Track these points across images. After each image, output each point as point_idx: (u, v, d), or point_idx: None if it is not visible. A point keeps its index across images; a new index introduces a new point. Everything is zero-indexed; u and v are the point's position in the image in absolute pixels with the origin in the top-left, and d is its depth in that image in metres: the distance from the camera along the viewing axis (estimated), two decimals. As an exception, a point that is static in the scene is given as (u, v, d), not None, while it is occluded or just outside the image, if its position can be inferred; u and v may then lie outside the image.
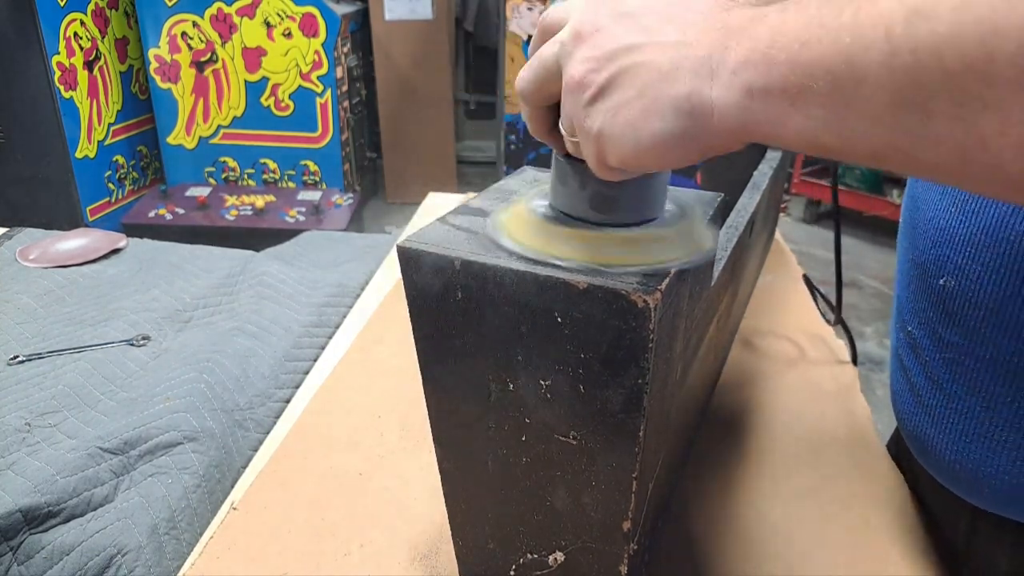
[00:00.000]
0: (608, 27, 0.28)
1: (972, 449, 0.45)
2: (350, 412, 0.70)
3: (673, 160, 0.28)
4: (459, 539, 0.46)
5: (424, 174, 3.50)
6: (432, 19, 3.27)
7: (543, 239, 0.34)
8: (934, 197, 0.45)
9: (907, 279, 0.50)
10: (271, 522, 0.56)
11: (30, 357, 0.98)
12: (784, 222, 0.95)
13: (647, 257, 0.33)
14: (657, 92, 0.27)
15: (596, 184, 0.33)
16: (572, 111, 0.30)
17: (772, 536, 0.55)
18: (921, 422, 0.49)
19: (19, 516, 0.72)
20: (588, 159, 0.31)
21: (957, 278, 0.42)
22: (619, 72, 0.27)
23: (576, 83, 0.29)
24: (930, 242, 0.45)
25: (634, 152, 0.28)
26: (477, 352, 0.36)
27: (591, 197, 0.34)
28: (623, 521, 0.37)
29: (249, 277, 1.20)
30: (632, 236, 0.34)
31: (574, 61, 0.29)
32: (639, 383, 0.32)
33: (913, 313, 0.49)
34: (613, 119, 0.28)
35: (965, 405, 0.44)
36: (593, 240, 0.34)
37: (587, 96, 0.28)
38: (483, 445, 0.39)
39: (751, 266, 0.77)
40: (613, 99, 0.28)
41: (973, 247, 0.41)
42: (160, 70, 2.78)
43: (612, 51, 0.28)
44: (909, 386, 0.50)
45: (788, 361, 0.80)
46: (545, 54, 0.31)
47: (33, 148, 2.45)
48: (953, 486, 0.48)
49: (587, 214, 0.35)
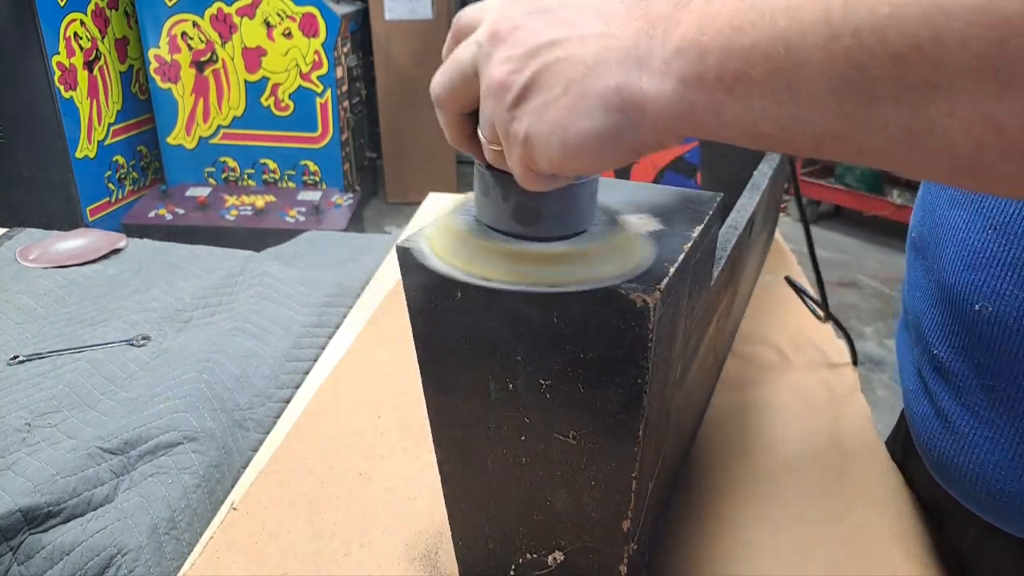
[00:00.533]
0: (526, 24, 0.26)
1: (1008, 481, 0.42)
2: (350, 412, 0.70)
3: (606, 160, 0.26)
4: (459, 539, 0.46)
5: (424, 174, 3.50)
6: (432, 19, 3.27)
7: (467, 256, 0.32)
8: (965, 216, 0.43)
9: (931, 300, 0.47)
10: (271, 522, 0.56)
11: (30, 357, 0.98)
12: (784, 222, 0.95)
13: (577, 274, 0.31)
14: (583, 87, 0.25)
15: (519, 195, 0.31)
16: (494, 115, 0.27)
17: (773, 536, 0.55)
18: (951, 450, 0.46)
19: (19, 516, 0.72)
20: (514, 167, 0.28)
21: (995, 304, 0.40)
22: (542, 69, 0.26)
23: (497, 85, 0.27)
24: (961, 264, 0.42)
25: (563, 153, 0.26)
26: (476, 352, 0.36)
27: (515, 209, 0.32)
28: (623, 521, 0.37)
29: (249, 277, 1.20)
30: (560, 252, 0.31)
31: (493, 62, 0.27)
32: (639, 383, 0.32)
33: (942, 337, 0.46)
34: (539, 120, 0.26)
35: (1004, 435, 0.42)
36: (518, 257, 0.31)
37: (510, 98, 0.26)
38: (483, 445, 0.39)
39: (751, 266, 0.77)
40: (538, 99, 0.26)
41: (1016, 272, 0.38)
42: (160, 70, 2.78)
43: (533, 48, 0.26)
44: (936, 412, 0.48)
45: (788, 362, 0.80)
46: (461, 56, 0.29)
47: (33, 148, 2.45)
48: (982, 512, 0.46)
49: (512, 227, 0.32)
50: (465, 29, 0.30)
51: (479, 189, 0.33)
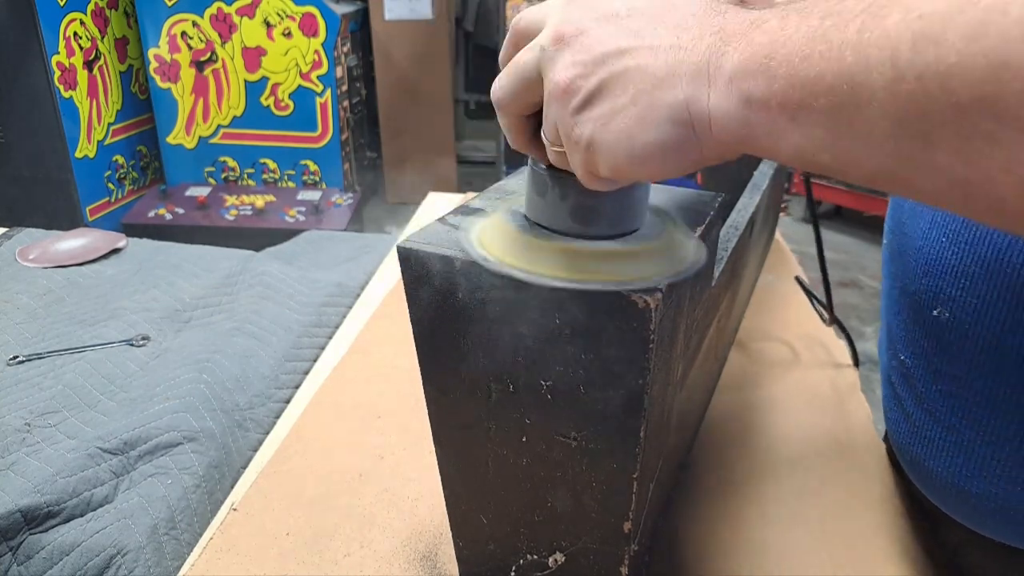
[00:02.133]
0: (593, 30, 0.27)
1: (974, 483, 0.43)
2: (350, 412, 0.70)
3: (668, 170, 0.27)
4: (459, 540, 0.46)
5: (424, 174, 3.50)
6: (432, 19, 3.27)
7: (521, 254, 0.32)
8: (923, 225, 0.43)
9: (897, 307, 0.48)
10: (271, 522, 0.56)
11: (30, 357, 0.98)
12: (784, 222, 0.95)
13: (631, 272, 0.31)
14: (652, 99, 0.25)
15: (577, 196, 0.32)
16: (558, 119, 0.28)
17: (773, 537, 0.55)
18: (917, 451, 0.47)
19: (19, 516, 0.71)
20: (576, 169, 0.29)
21: (952, 310, 0.41)
22: (610, 77, 0.26)
23: (562, 90, 0.27)
24: (921, 271, 0.43)
25: (628, 162, 0.26)
26: (477, 352, 0.36)
27: (572, 209, 0.32)
28: (624, 522, 0.37)
29: (249, 277, 1.20)
30: (615, 250, 0.32)
31: (559, 66, 0.27)
32: (639, 384, 0.32)
33: (906, 342, 0.47)
34: (605, 127, 0.26)
35: (965, 439, 0.42)
36: (574, 254, 0.32)
37: (575, 103, 0.27)
38: (483, 446, 0.39)
39: (751, 266, 0.77)
40: (604, 106, 0.26)
41: (968, 279, 0.39)
42: (160, 70, 2.78)
43: (601, 55, 0.26)
44: (903, 414, 0.49)
45: (788, 362, 0.80)
46: (523, 60, 0.29)
47: (33, 148, 2.45)
48: (951, 511, 0.47)
49: (568, 227, 0.33)
50: (525, 32, 0.30)
51: (534, 189, 0.34)
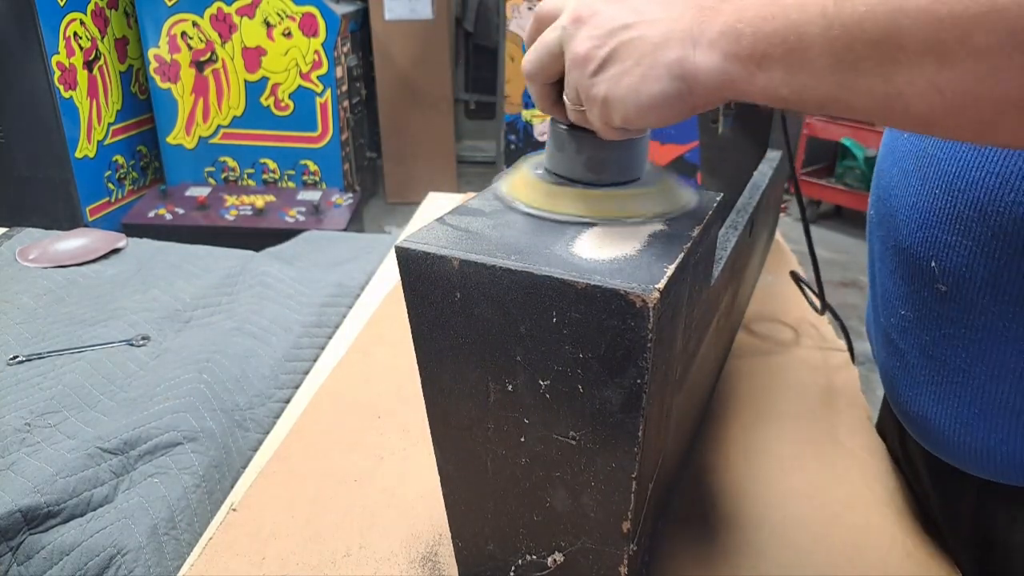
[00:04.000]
0: (604, 10, 0.34)
1: (979, 421, 0.46)
2: (350, 412, 0.70)
3: (669, 116, 0.33)
4: (459, 540, 0.46)
5: (424, 174, 3.50)
6: (432, 19, 3.27)
7: (546, 198, 0.39)
8: (915, 183, 0.48)
9: (891, 266, 0.52)
10: (271, 522, 0.56)
11: (30, 357, 0.98)
12: (784, 222, 0.95)
13: (638, 210, 0.38)
14: (652, 60, 0.32)
15: (591, 149, 0.39)
16: (578, 82, 0.35)
17: (773, 537, 0.55)
18: (923, 402, 0.50)
19: (19, 516, 0.72)
20: (594, 122, 0.36)
21: (948, 256, 0.45)
22: (619, 45, 0.33)
23: (582, 58, 0.34)
24: (915, 225, 0.48)
25: (636, 111, 0.33)
26: (476, 352, 0.36)
27: (587, 161, 0.39)
28: (623, 522, 0.37)
29: (249, 277, 1.20)
30: (623, 193, 0.39)
31: (577, 40, 0.34)
32: (638, 383, 0.32)
33: (904, 297, 0.51)
34: (616, 85, 0.33)
35: (969, 377, 0.46)
36: (590, 197, 0.38)
37: (592, 68, 0.34)
38: (482, 446, 0.39)
39: (751, 266, 0.77)
40: (615, 68, 0.33)
41: (963, 223, 0.43)
42: (160, 70, 2.78)
43: (611, 29, 0.33)
44: (905, 368, 0.52)
45: (789, 362, 0.80)
46: (548, 38, 0.36)
47: (33, 148, 2.45)
48: (960, 462, 0.49)
49: (583, 176, 0.39)
50: (547, 17, 0.37)
51: (554, 145, 0.40)
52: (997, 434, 0.45)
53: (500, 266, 0.33)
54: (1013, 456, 0.45)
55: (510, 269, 0.32)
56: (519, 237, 0.35)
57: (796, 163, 0.82)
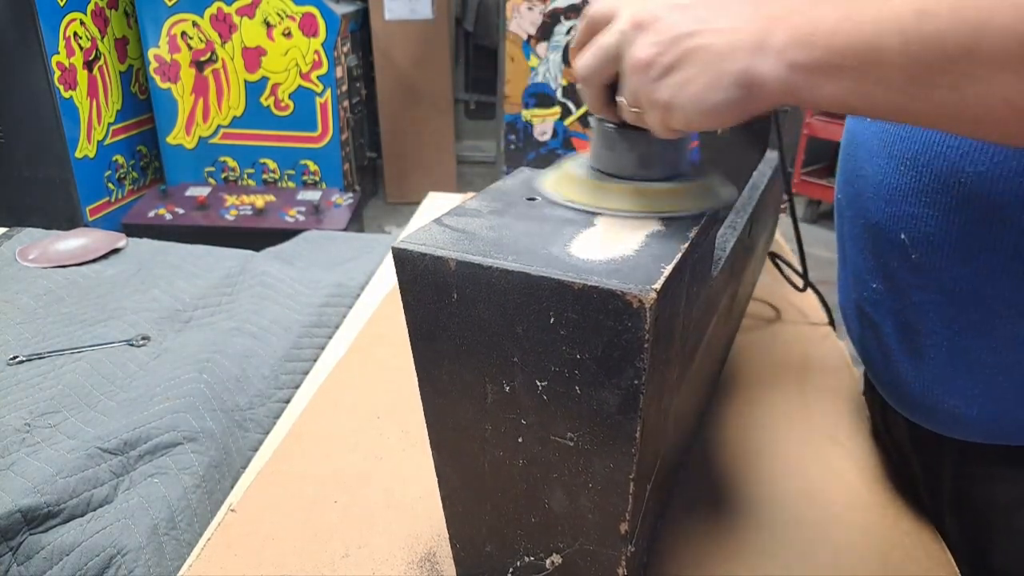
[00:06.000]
0: (666, 17, 0.34)
1: (953, 383, 0.48)
2: (349, 413, 0.70)
3: (728, 121, 0.34)
4: (456, 542, 0.46)
5: (424, 174, 3.49)
6: (432, 19, 3.27)
7: (594, 195, 0.40)
8: (880, 163, 0.50)
9: (861, 243, 0.55)
10: (270, 523, 0.56)
11: (30, 357, 0.98)
12: (784, 222, 0.95)
13: (687, 204, 0.40)
14: (719, 69, 0.33)
15: (641, 147, 0.40)
16: (639, 86, 0.35)
17: (773, 537, 0.55)
18: (899, 370, 0.53)
19: (19, 516, 0.72)
20: (652, 124, 0.36)
21: (916, 226, 0.47)
22: (683, 53, 0.33)
23: (644, 64, 0.34)
24: (883, 202, 0.50)
25: (698, 117, 0.34)
26: (473, 354, 0.36)
27: (637, 158, 0.40)
28: (620, 523, 0.37)
29: (249, 277, 1.20)
30: (671, 188, 0.40)
31: (638, 46, 0.34)
32: (635, 384, 0.32)
33: (874, 271, 0.53)
34: (680, 91, 0.34)
35: (942, 339, 0.48)
36: (640, 193, 0.40)
37: (654, 73, 0.34)
38: (480, 447, 0.39)
39: (751, 267, 0.77)
40: (679, 75, 0.33)
41: (927, 195, 0.46)
42: (160, 70, 2.78)
43: (675, 36, 0.33)
44: (880, 340, 0.54)
45: (788, 363, 0.80)
46: (605, 42, 0.36)
47: (33, 148, 2.45)
48: (938, 426, 0.51)
49: (633, 172, 0.41)
50: (600, 20, 0.37)
51: (603, 144, 0.42)
52: (971, 393, 0.47)
53: (497, 267, 0.33)
54: (990, 415, 0.47)
55: (507, 270, 0.32)
56: (516, 238, 0.35)
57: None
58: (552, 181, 0.43)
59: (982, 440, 0.49)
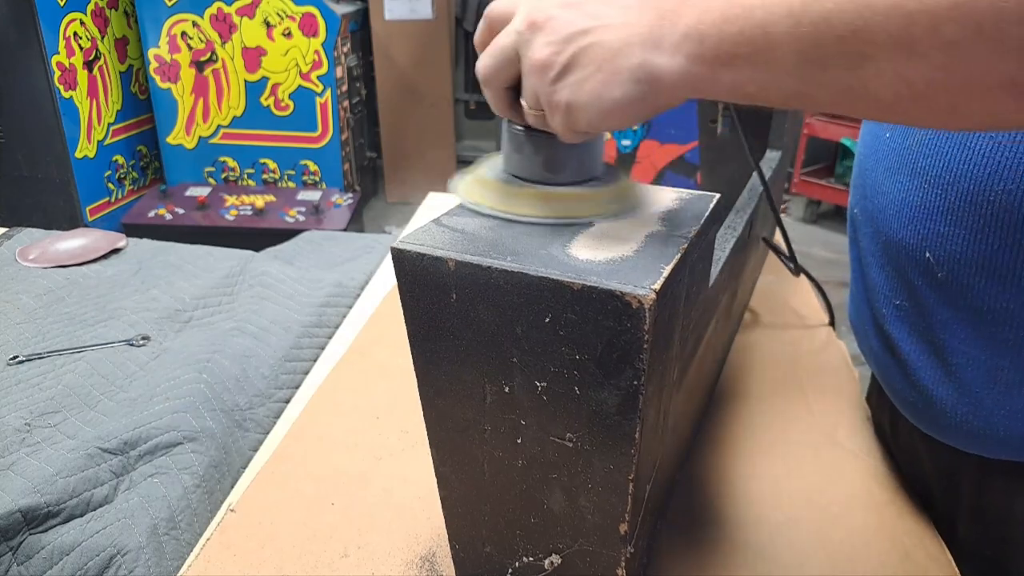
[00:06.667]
0: (559, 15, 0.33)
1: (981, 399, 0.47)
2: (349, 413, 0.70)
3: (632, 119, 0.33)
4: (455, 542, 0.46)
5: (424, 174, 3.49)
6: (432, 19, 3.27)
7: (504, 199, 0.39)
8: (902, 180, 0.49)
9: (882, 261, 0.54)
10: (270, 523, 0.56)
11: (30, 357, 0.98)
12: (784, 222, 0.95)
13: (595, 209, 0.39)
14: (614, 65, 0.32)
15: (548, 150, 0.39)
16: (538, 88, 0.34)
17: (772, 538, 0.55)
18: (923, 388, 0.51)
19: (19, 516, 0.72)
20: (556, 127, 0.35)
21: (942, 245, 0.46)
22: (578, 51, 0.32)
23: (541, 64, 0.33)
24: (906, 220, 0.49)
25: (599, 116, 0.33)
26: (472, 354, 0.36)
27: (544, 162, 0.39)
28: (620, 524, 0.37)
29: (249, 277, 1.20)
30: (579, 192, 0.39)
31: (535, 46, 0.33)
32: (634, 385, 0.32)
33: (899, 289, 0.52)
34: (578, 91, 0.33)
35: (967, 358, 0.47)
36: (546, 197, 0.39)
37: (552, 75, 0.33)
38: (479, 448, 0.39)
39: (751, 266, 0.77)
40: (576, 75, 0.33)
41: (954, 214, 0.45)
42: (160, 70, 2.78)
43: (568, 35, 0.33)
44: (902, 357, 0.53)
45: (788, 363, 0.80)
46: (503, 43, 0.35)
47: (33, 148, 2.45)
48: (963, 443, 0.50)
49: (541, 176, 0.39)
50: (499, 19, 0.36)
51: (512, 147, 0.40)
52: (1000, 411, 0.46)
53: (496, 267, 0.33)
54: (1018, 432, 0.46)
55: (506, 270, 0.32)
56: (515, 238, 0.35)
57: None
58: (466, 184, 0.42)
59: (1012, 458, 0.48)
